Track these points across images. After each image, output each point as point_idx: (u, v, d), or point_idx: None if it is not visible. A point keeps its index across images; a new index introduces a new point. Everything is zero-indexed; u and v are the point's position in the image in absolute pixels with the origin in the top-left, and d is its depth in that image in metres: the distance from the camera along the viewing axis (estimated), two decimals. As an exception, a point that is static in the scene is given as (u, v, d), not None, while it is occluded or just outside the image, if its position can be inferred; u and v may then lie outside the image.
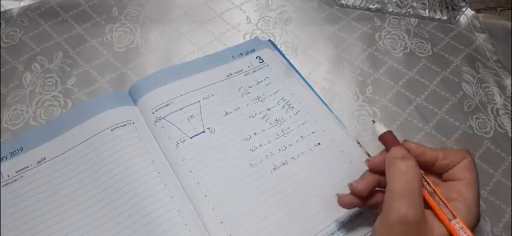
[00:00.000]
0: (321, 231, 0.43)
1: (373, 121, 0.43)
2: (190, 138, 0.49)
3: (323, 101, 0.54)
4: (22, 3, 0.64)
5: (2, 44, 0.59)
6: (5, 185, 0.45)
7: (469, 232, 0.34)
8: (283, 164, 0.48)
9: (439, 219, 0.36)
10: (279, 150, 0.49)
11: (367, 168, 0.41)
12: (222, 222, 0.43)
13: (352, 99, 0.56)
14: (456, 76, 0.59)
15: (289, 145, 0.49)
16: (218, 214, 0.43)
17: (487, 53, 0.62)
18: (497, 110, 0.56)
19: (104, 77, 0.57)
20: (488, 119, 0.55)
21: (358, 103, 0.56)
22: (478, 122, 0.55)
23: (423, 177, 0.37)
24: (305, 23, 0.65)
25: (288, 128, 0.51)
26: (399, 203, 0.34)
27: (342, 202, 0.40)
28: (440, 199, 0.36)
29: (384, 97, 0.57)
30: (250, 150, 0.49)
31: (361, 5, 0.67)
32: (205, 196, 0.45)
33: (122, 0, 0.66)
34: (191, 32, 0.63)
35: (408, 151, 0.39)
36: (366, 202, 0.40)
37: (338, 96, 0.57)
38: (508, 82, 0.59)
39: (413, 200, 0.34)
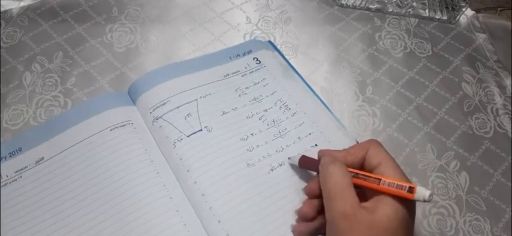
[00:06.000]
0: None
1: (289, 158, 0.48)
2: (188, 136, 0.49)
3: (322, 101, 0.54)
4: (22, 3, 0.64)
5: (2, 44, 0.59)
6: (4, 185, 0.45)
7: (395, 181, 0.36)
8: (280, 165, 0.48)
9: (372, 189, 0.37)
10: (276, 151, 0.49)
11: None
12: (219, 221, 0.43)
13: (352, 99, 0.56)
14: (456, 76, 0.59)
15: (287, 146, 0.49)
16: (216, 213, 0.43)
17: (487, 53, 0.62)
18: (497, 110, 0.56)
19: (103, 77, 0.57)
20: (488, 119, 0.55)
21: (358, 103, 0.56)
22: (478, 122, 0.55)
23: (350, 171, 0.39)
24: (305, 23, 0.65)
25: (285, 129, 0.51)
26: (334, 202, 0.37)
27: (298, 232, 0.43)
28: (364, 175, 0.38)
29: (384, 97, 0.57)
30: (248, 150, 0.48)
31: (361, 5, 0.67)
32: (203, 195, 0.44)
33: (121, 0, 0.66)
34: (191, 32, 0.63)
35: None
36: (321, 228, 0.42)
37: (338, 96, 0.56)
38: (508, 82, 0.59)
39: (345, 196, 0.37)
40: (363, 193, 0.39)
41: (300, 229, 0.42)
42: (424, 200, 0.35)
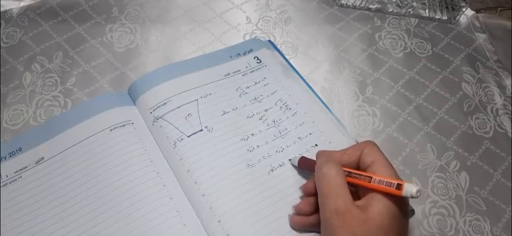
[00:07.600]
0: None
1: (289, 160, 0.48)
2: (188, 136, 0.49)
3: (322, 101, 0.54)
4: (22, 3, 0.64)
5: (2, 44, 0.59)
6: (4, 185, 0.45)
7: (385, 178, 0.37)
8: (280, 166, 0.48)
9: (364, 187, 0.38)
10: (276, 151, 0.49)
11: None
12: (219, 221, 0.43)
13: (352, 99, 0.56)
14: (456, 76, 0.59)
15: (287, 146, 0.49)
16: (216, 213, 0.43)
17: (487, 53, 0.62)
18: (497, 110, 0.56)
19: (103, 77, 0.57)
20: (488, 119, 0.55)
21: (358, 103, 0.56)
22: (478, 122, 0.55)
23: (344, 170, 0.40)
24: (305, 23, 0.65)
25: (285, 129, 0.51)
26: (328, 200, 0.38)
27: (293, 222, 0.44)
28: (356, 173, 0.39)
29: (384, 97, 0.57)
30: (248, 150, 0.48)
31: (361, 5, 0.67)
32: (203, 195, 0.45)
33: (121, 0, 0.66)
34: (191, 32, 0.63)
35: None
36: (316, 225, 0.42)
37: (338, 96, 0.56)
38: (508, 82, 0.59)
39: (338, 193, 0.37)
40: (357, 194, 0.40)
41: (295, 219, 0.44)
42: (412, 196, 0.35)
